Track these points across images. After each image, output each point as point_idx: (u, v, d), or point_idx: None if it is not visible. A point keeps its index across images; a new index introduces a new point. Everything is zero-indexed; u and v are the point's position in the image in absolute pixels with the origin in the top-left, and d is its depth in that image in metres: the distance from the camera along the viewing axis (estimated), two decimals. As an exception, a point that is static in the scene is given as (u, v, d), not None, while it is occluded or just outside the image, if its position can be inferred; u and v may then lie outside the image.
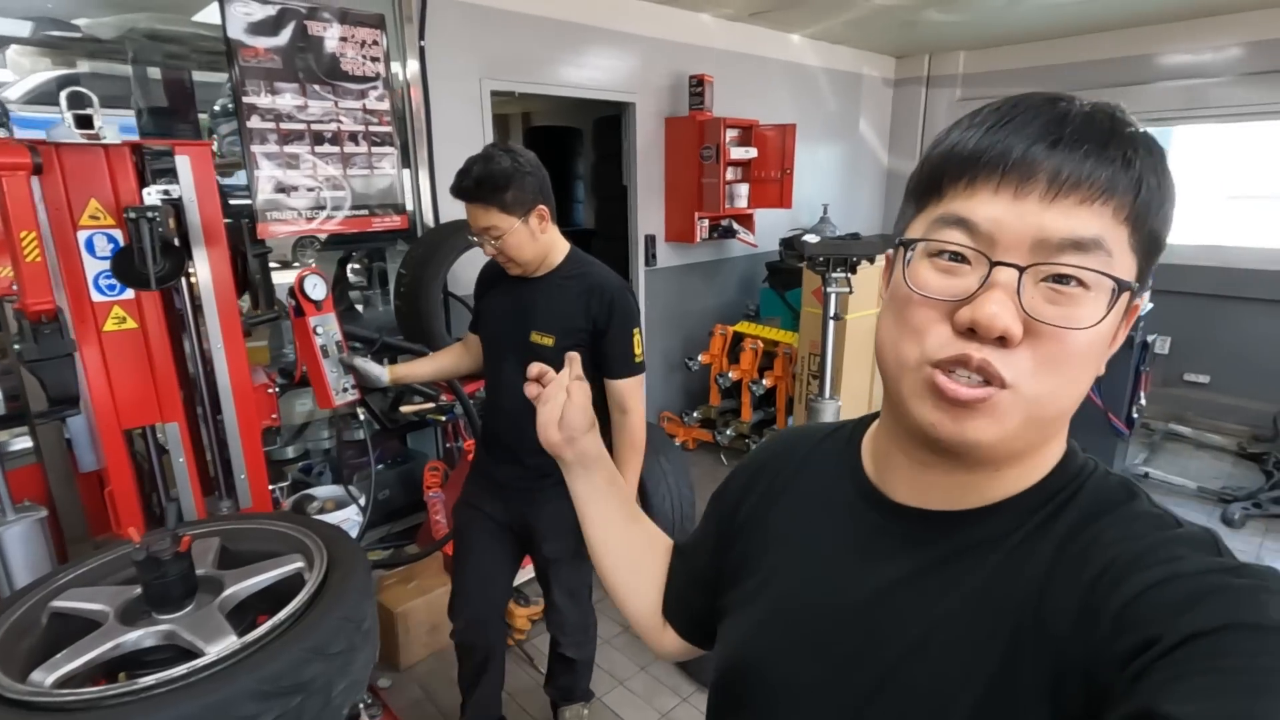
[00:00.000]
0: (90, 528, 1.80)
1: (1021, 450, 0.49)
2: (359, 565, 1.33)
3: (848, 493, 0.60)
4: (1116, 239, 0.45)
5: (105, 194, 1.53)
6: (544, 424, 0.78)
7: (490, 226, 1.57)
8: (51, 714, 0.97)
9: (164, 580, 1.18)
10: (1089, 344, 0.46)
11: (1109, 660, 0.41)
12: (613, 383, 1.68)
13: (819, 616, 0.57)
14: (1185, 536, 0.45)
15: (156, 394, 1.69)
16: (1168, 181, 0.46)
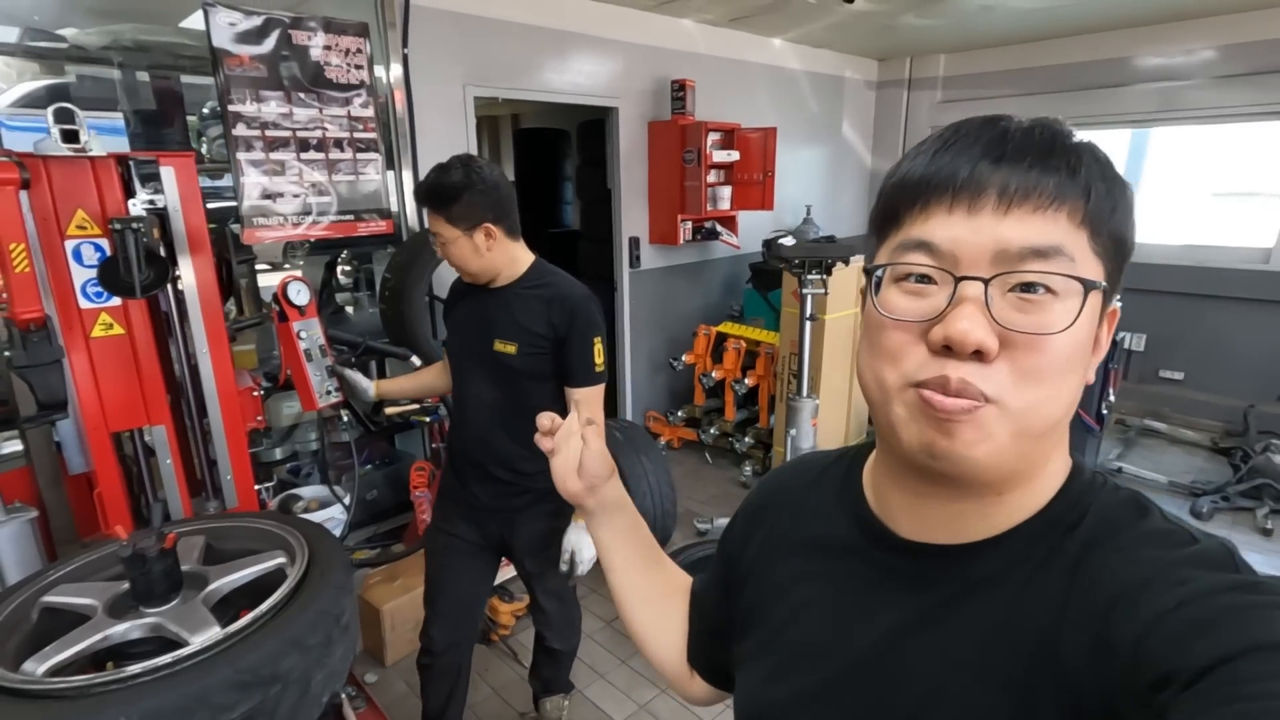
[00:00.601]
0: (79, 528, 1.85)
1: (1017, 468, 0.48)
2: (339, 562, 1.38)
3: (851, 532, 0.58)
4: (1077, 243, 0.45)
5: (92, 204, 1.59)
6: (562, 474, 0.74)
7: (437, 233, 1.62)
8: (42, 701, 1.03)
9: (150, 575, 1.23)
10: (1067, 350, 0.45)
11: (1129, 697, 0.40)
12: (572, 391, 1.68)
13: (831, 665, 0.55)
14: (1197, 555, 0.43)
15: (143, 397, 1.74)
16: (1118, 186, 0.47)
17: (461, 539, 1.81)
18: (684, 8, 3.87)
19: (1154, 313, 4.62)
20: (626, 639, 2.66)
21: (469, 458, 1.77)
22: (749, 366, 4.01)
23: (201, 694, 1.05)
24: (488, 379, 1.70)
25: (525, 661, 2.54)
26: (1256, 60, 4.27)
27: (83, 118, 1.36)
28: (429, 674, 1.88)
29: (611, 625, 2.75)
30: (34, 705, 1.01)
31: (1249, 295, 4.42)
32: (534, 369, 1.66)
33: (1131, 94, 4.75)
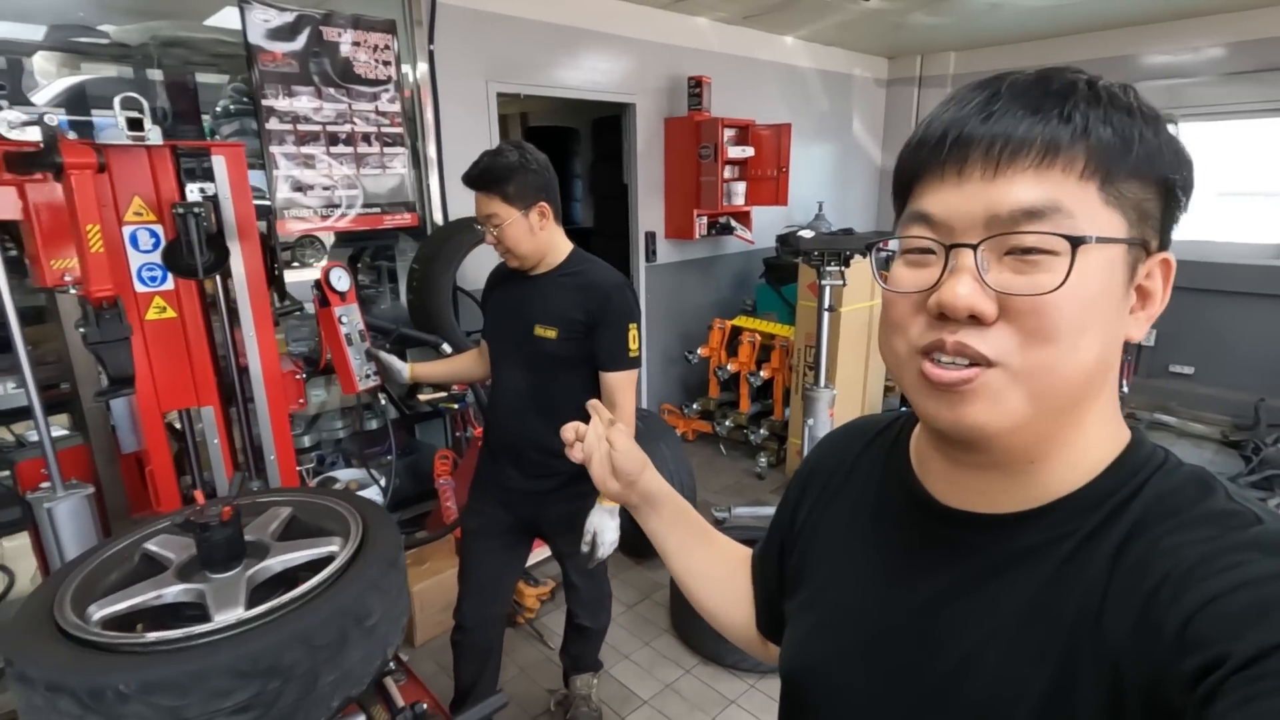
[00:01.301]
0: (131, 505, 1.92)
1: (1044, 435, 0.47)
2: (380, 558, 1.38)
3: (897, 496, 0.58)
4: (1079, 198, 0.43)
5: (148, 192, 1.65)
6: (600, 479, 0.76)
7: (492, 214, 1.66)
8: (73, 645, 1.06)
9: (211, 543, 1.29)
10: (1072, 308, 0.43)
11: (1174, 680, 0.39)
12: (604, 376, 1.73)
13: (871, 626, 0.56)
14: (1258, 538, 0.41)
15: (193, 379, 1.81)
16: (1135, 123, 0.44)
17: (494, 520, 1.88)
18: (698, 5, 3.93)
19: (1165, 308, 4.65)
20: (650, 621, 2.73)
21: (503, 441, 1.83)
22: (764, 360, 4.06)
23: (200, 676, 1.04)
24: (525, 364, 1.76)
25: (551, 643, 2.60)
26: (1263, 57, 4.32)
27: (147, 108, 1.42)
28: (461, 650, 1.94)
29: (634, 609, 2.81)
30: (66, 647, 1.06)
31: (1258, 290, 4.46)
32: (571, 354, 1.71)
33: (1140, 91, 4.79)
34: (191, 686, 1.03)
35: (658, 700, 2.33)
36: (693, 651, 2.54)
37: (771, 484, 3.94)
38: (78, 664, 1.03)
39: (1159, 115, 0.46)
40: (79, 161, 1.23)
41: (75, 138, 1.35)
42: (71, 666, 1.02)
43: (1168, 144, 0.45)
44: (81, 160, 1.23)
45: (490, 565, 1.88)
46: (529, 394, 1.76)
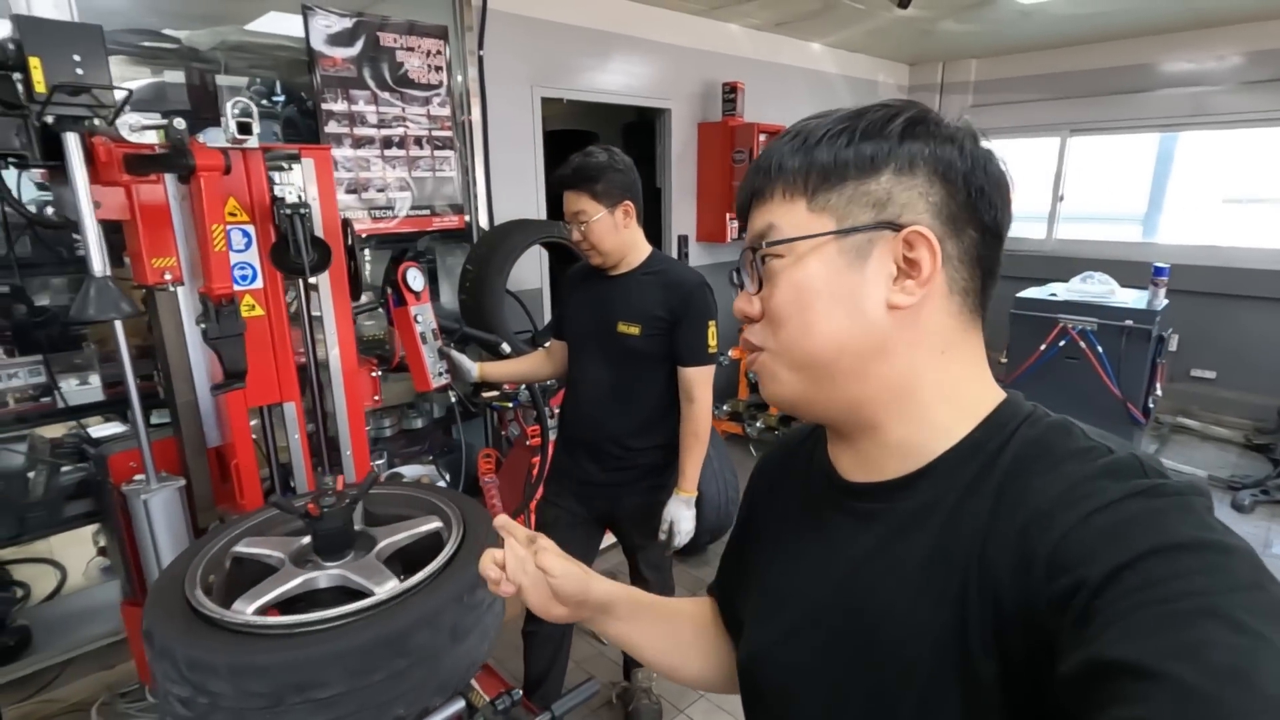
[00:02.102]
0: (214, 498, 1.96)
1: (850, 397, 0.56)
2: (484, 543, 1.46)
3: (819, 482, 0.64)
4: (790, 214, 0.55)
5: (241, 193, 1.70)
6: (542, 608, 0.70)
7: (580, 211, 1.71)
8: (257, 638, 1.13)
9: (331, 532, 1.34)
10: (787, 295, 0.55)
11: (1045, 606, 0.42)
12: (683, 370, 1.79)
13: (804, 603, 0.61)
14: (1110, 466, 0.46)
15: (277, 375, 1.86)
16: (834, 149, 0.54)
17: (570, 512, 1.92)
18: (733, 12, 3.99)
19: (1185, 312, 4.70)
20: (699, 617, 2.77)
21: (582, 435, 1.88)
22: (794, 361, 4.11)
23: (391, 639, 1.15)
24: (606, 360, 1.81)
25: (603, 639, 2.64)
26: (1282, 66, 4.38)
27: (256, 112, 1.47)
28: (533, 641, 1.99)
29: (680, 605, 2.85)
30: (251, 640, 1.11)
31: (1278, 296, 4.52)
32: (653, 350, 1.76)
33: (1160, 99, 4.86)
34: (379, 650, 1.12)
35: (715, 694, 2.37)
36: (743, 647, 2.59)
37: (804, 484, 3.98)
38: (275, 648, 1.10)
39: (919, 125, 0.54)
40: (209, 164, 1.28)
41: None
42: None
43: (919, 146, 0.53)
44: (211, 162, 1.28)
45: (570, 551, 1.92)
46: (610, 389, 1.81)
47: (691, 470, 1.82)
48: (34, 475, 2.52)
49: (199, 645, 1.09)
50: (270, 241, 1.73)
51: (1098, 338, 3.35)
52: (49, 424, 2.45)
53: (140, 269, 1.60)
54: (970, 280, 0.55)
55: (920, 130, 0.54)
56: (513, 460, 3.15)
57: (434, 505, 1.55)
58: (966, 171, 0.53)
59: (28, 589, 2.68)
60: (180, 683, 1.09)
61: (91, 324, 1.30)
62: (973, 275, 0.55)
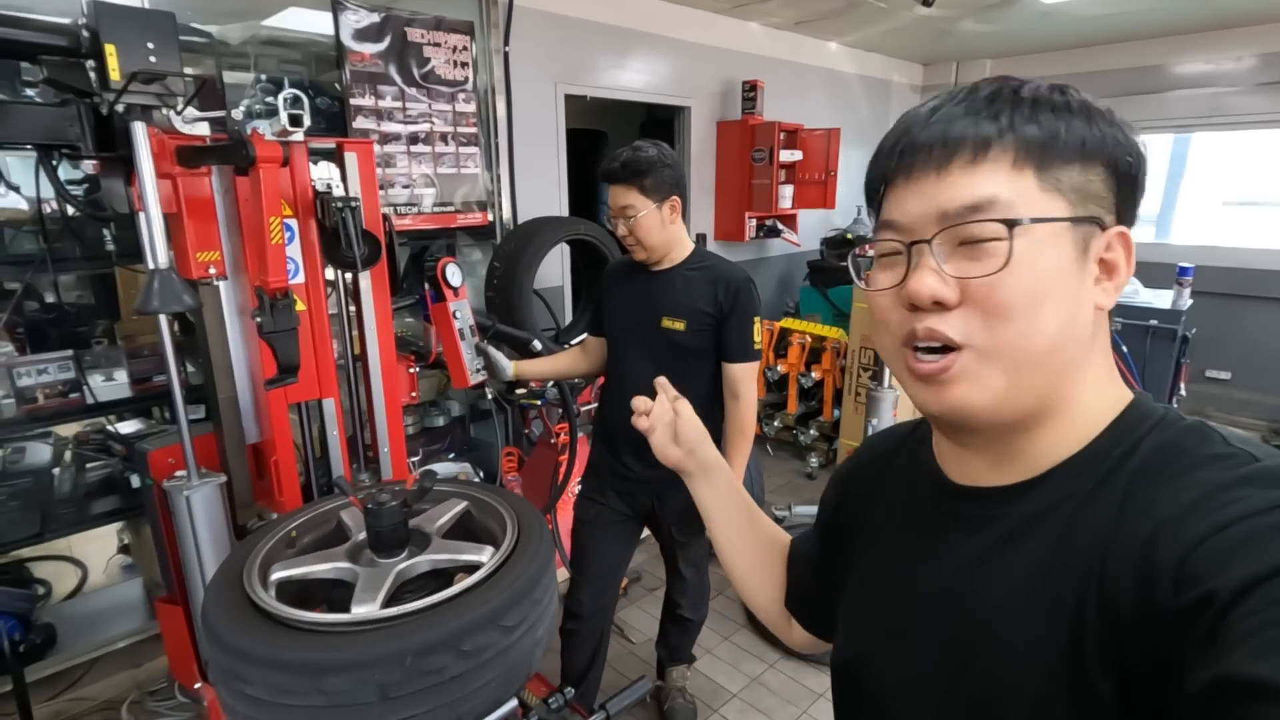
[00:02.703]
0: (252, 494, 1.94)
1: (1033, 405, 0.50)
2: (541, 540, 1.44)
3: (924, 485, 0.62)
4: (1020, 187, 0.48)
5: (285, 186, 1.68)
6: (661, 444, 0.85)
7: (628, 205, 1.70)
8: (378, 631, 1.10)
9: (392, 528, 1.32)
10: (1024, 284, 0.47)
11: (1173, 621, 0.39)
12: (729, 367, 1.79)
13: (907, 607, 0.59)
14: (1255, 474, 0.42)
15: (317, 371, 1.84)
16: (1057, 118, 0.48)
17: (611, 509, 1.91)
18: (754, 11, 3.98)
19: (1200, 313, 4.69)
20: (727, 617, 2.76)
21: (624, 432, 1.86)
22: (813, 361, 4.10)
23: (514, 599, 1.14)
24: (650, 355, 1.79)
25: (632, 638, 2.64)
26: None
27: (308, 105, 1.46)
28: (574, 639, 1.97)
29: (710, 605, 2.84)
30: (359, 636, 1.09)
31: (1294, 297, 4.52)
32: (699, 345, 1.75)
33: (1175, 100, 4.86)
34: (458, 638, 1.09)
35: (747, 693, 2.36)
36: (774, 646, 2.58)
37: (823, 484, 3.97)
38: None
39: (1092, 107, 0.50)
40: (269, 155, 1.27)
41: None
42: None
43: (1105, 131, 0.49)
44: (271, 154, 1.27)
45: (608, 554, 1.92)
46: (651, 385, 1.79)
47: (738, 466, 1.81)
48: (60, 472, 2.50)
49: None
50: (312, 235, 1.71)
51: (1123, 337, 3.34)
52: (74, 420, 2.43)
53: (185, 263, 1.59)
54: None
55: (1098, 116, 0.50)
56: (536, 459, 3.14)
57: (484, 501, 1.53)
58: (1135, 163, 0.50)
59: (49, 587, 2.66)
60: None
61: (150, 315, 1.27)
62: None
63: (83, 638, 2.50)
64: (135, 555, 2.81)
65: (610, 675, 2.47)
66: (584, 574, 1.93)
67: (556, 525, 2.90)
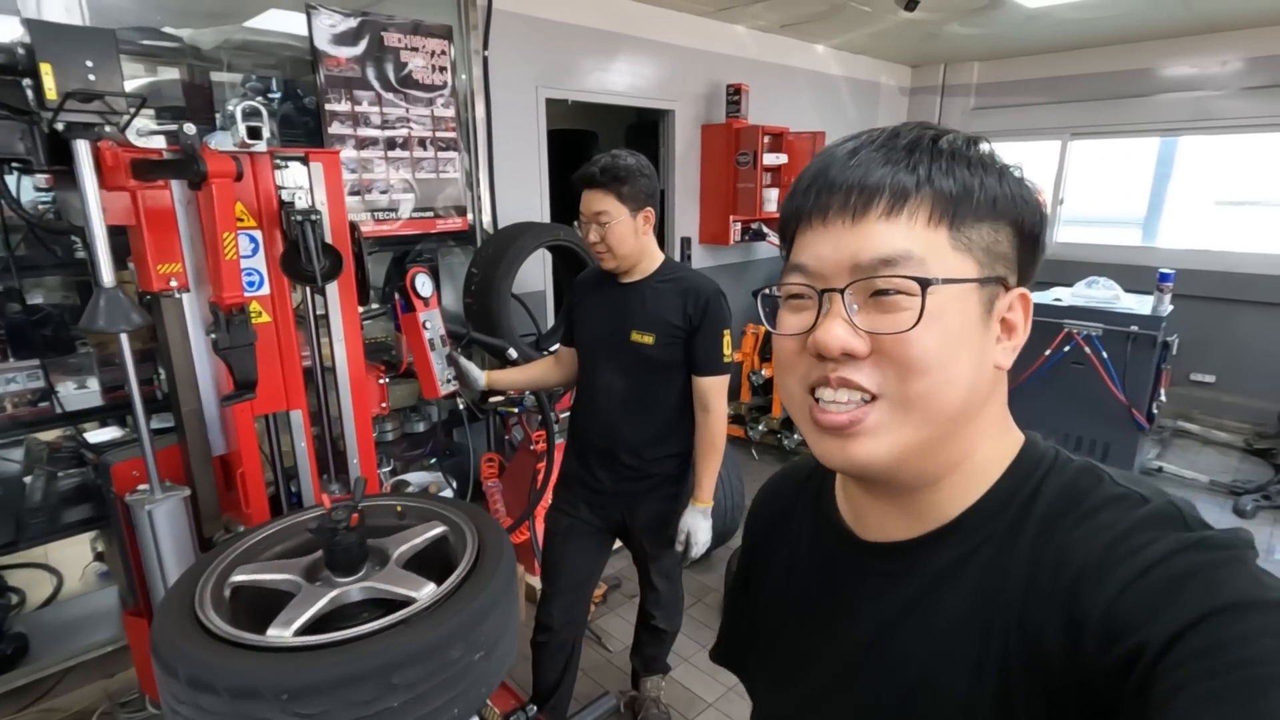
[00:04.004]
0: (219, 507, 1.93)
1: (938, 458, 0.50)
2: (503, 537, 1.45)
3: (829, 538, 0.60)
4: (929, 243, 0.47)
5: (249, 197, 1.67)
6: None
7: (602, 211, 1.68)
8: (305, 655, 1.10)
9: (346, 547, 1.31)
10: (933, 343, 0.47)
11: (1105, 675, 0.40)
12: (699, 380, 1.77)
13: (824, 671, 0.58)
14: (1150, 516, 0.44)
15: (284, 383, 1.82)
16: (973, 175, 0.48)
17: (583, 521, 1.90)
18: (740, 13, 3.97)
19: (1185, 316, 4.70)
20: (705, 625, 2.75)
21: (595, 444, 1.85)
22: (797, 365, 4.10)
23: (438, 643, 1.12)
24: (620, 369, 1.78)
25: (609, 646, 2.63)
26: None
27: (267, 116, 1.44)
28: (544, 651, 1.96)
29: (687, 613, 2.83)
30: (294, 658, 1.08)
31: (1277, 301, 4.53)
32: (668, 359, 1.74)
33: (1161, 103, 4.86)
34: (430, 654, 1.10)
35: (723, 703, 2.36)
36: (751, 655, 2.57)
37: (807, 488, 3.97)
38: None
39: (1004, 165, 0.50)
40: (221, 170, 1.25)
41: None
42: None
43: (1014, 190, 0.49)
44: (222, 169, 1.25)
45: (579, 566, 1.91)
46: (624, 398, 1.78)
47: (708, 481, 1.80)
48: (31, 481, 2.48)
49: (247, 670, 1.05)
50: (277, 246, 1.70)
51: (1103, 343, 3.34)
52: (43, 430, 2.41)
53: (145, 275, 1.57)
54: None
55: (1007, 174, 0.50)
56: (516, 465, 3.13)
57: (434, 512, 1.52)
58: (1038, 220, 0.50)
59: (23, 595, 2.64)
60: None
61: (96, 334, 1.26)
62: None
63: (56, 647, 2.48)
64: (110, 564, 2.79)
65: (587, 684, 2.46)
66: (555, 586, 1.92)
67: (534, 532, 2.89)
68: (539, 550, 2.80)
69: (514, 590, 1.30)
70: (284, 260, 1.52)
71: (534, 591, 2.52)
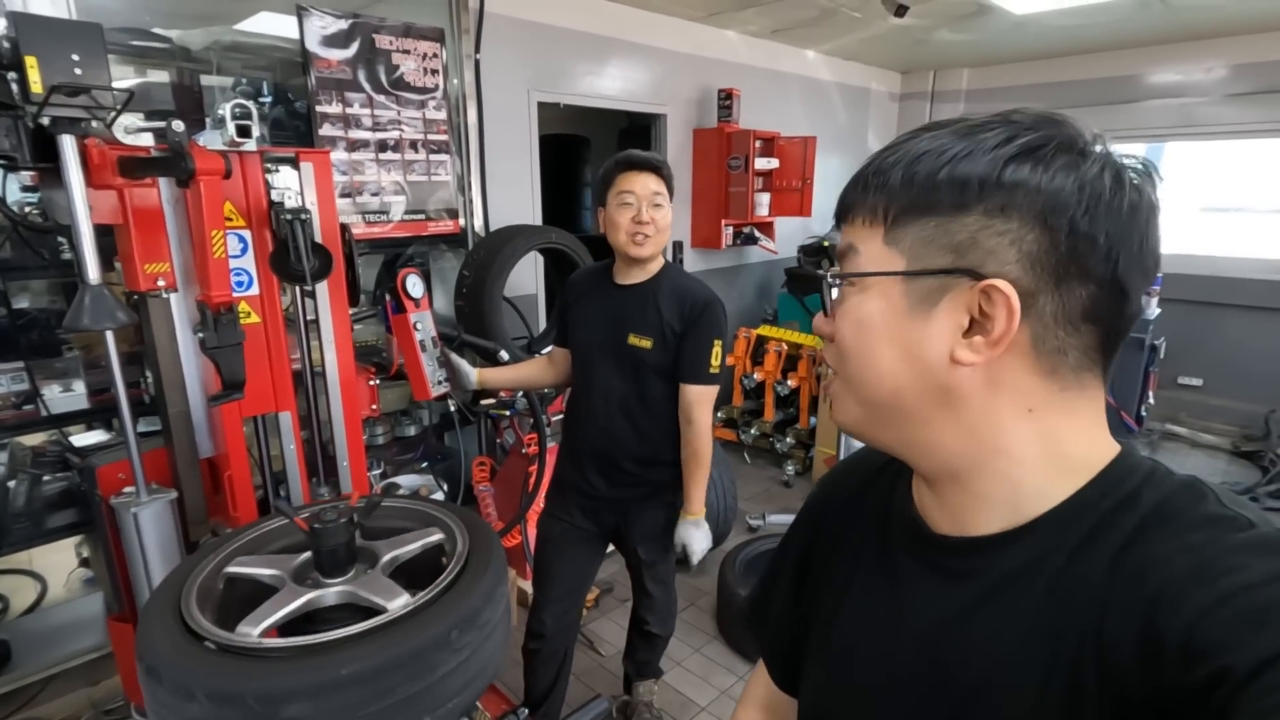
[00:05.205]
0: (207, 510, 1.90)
1: (915, 441, 0.53)
2: (494, 541, 1.43)
3: (898, 529, 0.60)
4: (868, 241, 0.51)
5: (238, 197, 1.66)
6: None
7: (659, 192, 1.70)
8: (263, 660, 1.08)
9: (335, 548, 1.29)
10: (850, 330, 0.52)
11: (1183, 695, 0.39)
12: (684, 388, 1.74)
13: (883, 663, 0.57)
14: (1253, 541, 0.42)
15: (273, 384, 1.81)
16: (941, 170, 0.48)
17: (577, 527, 1.89)
18: (730, 19, 3.99)
19: (1172, 320, 4.75)
20: (698, 628, 2.74)
21: (591, 449, 1.83)
22: (789, 369, 4.10)
23: (416, 653, 1.11)
24: (616, 373, 1.77)
25: (601, 650, 2.61)
26: (1265, 79, 4.45)
27: (256, 115, 1.43)
28: (537, 658, 1.94)
29: (680, 616, 2.82)
30: (261, 663, 1.07)
31: (1265, 304, 4.58)
32: (664, 363, 1.73)
33: (1147, 109, 4.92)
34: (400, 666, 1.09)
35: (716, 706, 2.35)
36: (744, 658, 2.56)
37: (800, 491, 3.97)
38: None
39: (1027, 151, 0.47)
40: (209, 167, 1.24)
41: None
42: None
43: (1020, 179, 0.46)
44: (211, 166, 1.24)
45: (572, 573, 1.89)
46: (621, 403, 1.77)
47: (697, 493, 1.78)
48: (15, 485, 2.44)
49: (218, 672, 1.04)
50: (266, 246, 1.68)
51: (1092, 346, 3.37)
52: (28, 433, 2.38)
53: (133, 274, 1.55)
54: (1071, 338, 0.48)
55: (1035, 157, 0.46)
56: (508, 469, 3.11)
57: (433, 517, 1.51)
58: (1078, 215, 0.45)
59: (6, 601, 2.60)
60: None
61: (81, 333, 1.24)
62: (1077, 333, 0.48)
63: (39, 655, 2.44)
64: (95, 569, 2.75)
65: (579, 689, 2.44)
66: (547, 593, 1.90)
67: (526, 536, 2.88)
68: (530, 555, 2.79)
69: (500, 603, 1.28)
70: (273, 259, 1.50)
71: (525, 596, 2.51)
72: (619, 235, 1.70)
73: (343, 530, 1.29)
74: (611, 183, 1.70)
